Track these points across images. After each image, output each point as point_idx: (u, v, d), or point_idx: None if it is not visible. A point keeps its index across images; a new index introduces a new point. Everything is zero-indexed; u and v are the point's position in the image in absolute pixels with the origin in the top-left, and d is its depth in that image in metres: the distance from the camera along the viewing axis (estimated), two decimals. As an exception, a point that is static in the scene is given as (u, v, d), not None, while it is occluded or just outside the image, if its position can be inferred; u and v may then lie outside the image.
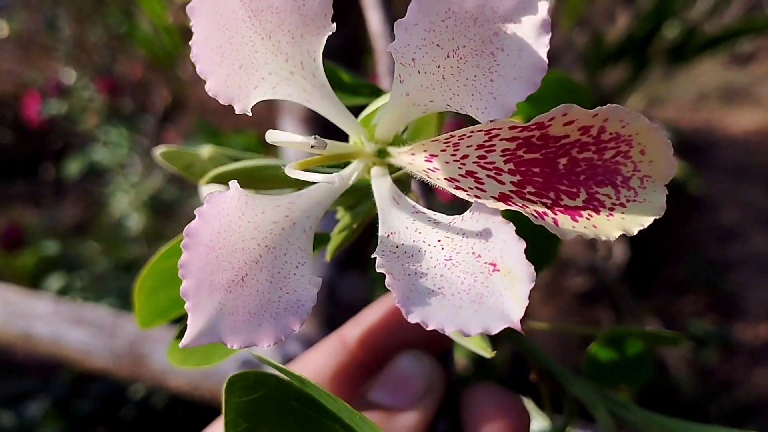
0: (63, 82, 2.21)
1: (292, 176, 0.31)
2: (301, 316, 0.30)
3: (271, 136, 0.30)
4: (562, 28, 3.24)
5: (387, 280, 0.28)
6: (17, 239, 2.18)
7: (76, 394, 2.09)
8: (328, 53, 0.34)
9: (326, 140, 0.34)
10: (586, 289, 3.04)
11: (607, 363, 0.47)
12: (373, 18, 0.66)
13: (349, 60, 1.21)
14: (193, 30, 0.31)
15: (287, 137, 0.30)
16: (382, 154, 0.36)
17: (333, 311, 1.29)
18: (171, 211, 2.23)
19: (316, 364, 0.49)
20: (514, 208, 0.29)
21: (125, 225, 2.15)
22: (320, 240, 0.42)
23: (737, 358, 2.72)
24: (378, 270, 0.29)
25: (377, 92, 0.47)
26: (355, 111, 0.40)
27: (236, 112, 0.32)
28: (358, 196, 0.40)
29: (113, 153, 2.17)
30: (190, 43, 0.31)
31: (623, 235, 0.28)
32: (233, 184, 0.31)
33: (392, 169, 0.36)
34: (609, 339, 0.47)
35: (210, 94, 0.31)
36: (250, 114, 0.32)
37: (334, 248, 0.41)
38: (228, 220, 0.31)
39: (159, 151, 0.48)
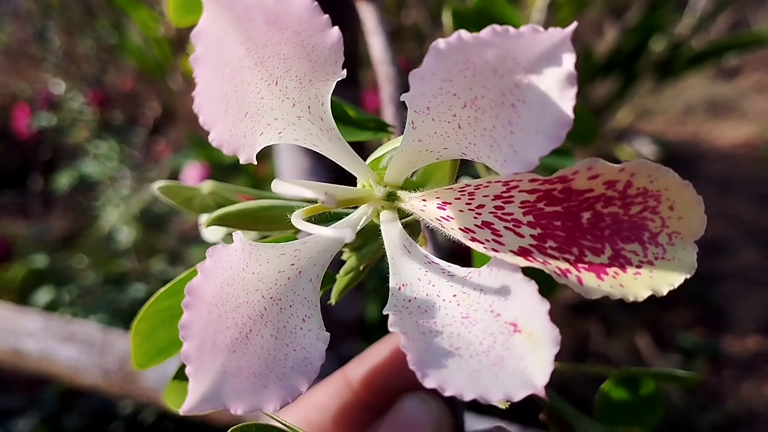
0: (53, 93, 2.17)
1: (299, 227, 0.29)
2: (309, 376, 0.28)
3: (278, 186, 0.29)
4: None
5: (402, 341, 0.27)
6: (6, 252, 2.15)
7: (64, 409, 2.06)
8: None
9: (335, 187, 0.33)
10: (576, 302, 3.04)
11: (619, 403, 0.45)
12: (375, 43, 0.64)
13: (346, 74, 1.20)
14: (196, 80, 0.29)
15: (295, 190, 0.28)
16: (391, 197, 0.35)
17: (328, 330, 1.27)
18: (161, 224, 2.20)
19: (319, 404, 0.47)
20: (535, 264, 0.27)
21: (115, 238, 2.12)
22: (325, 280, 0.41)
23: (726, 370, 2.72)
24: (391, 329, 0.28)
25: (383, 127, 0.45)
26: (360, 145, 0.39)
27: (241, 161, 0.30)
28: (365, 237, 0.38)
29: (103, 166, 2.14)
30: (193, 93, 0.29)
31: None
32: (237, 236, 0.29)
33: (402, 214, 0.35)
34: (621, 379, 0.46)
35: (214, 144, 0.30)
36: (255, 163, 0.30)
37: (339, 290, 0.39)
38: (231, 274, 0.29)
39: (157, 186, 0.46)
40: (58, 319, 1.68)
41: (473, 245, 0.29)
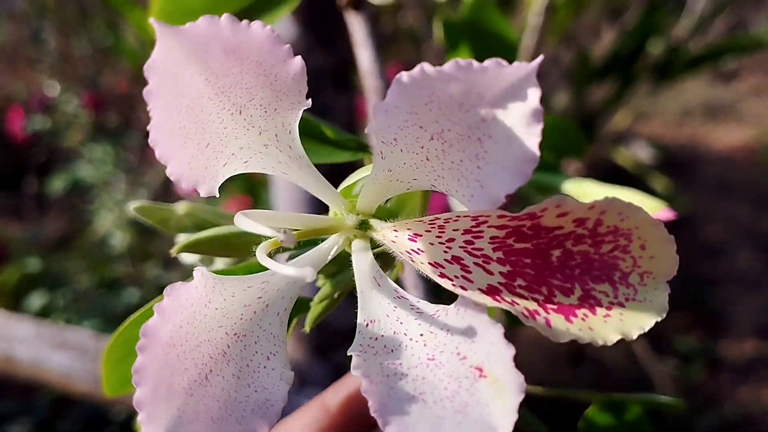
0: (47, 96, 2.17)
1: (261, 262, 0.28)
2: (270, 419, 0.27)
3: (240, 221, 0.28)
4: (548, 45, 3.23)
5: (363, 385, 0.26)
6: (0, 256, 2.14)
7: (58, 415, 2.05)
8: (315, 75, 0.32)
9: (304, 217, 0.32)
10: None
11: (605, 429, 0.44)
12: (363, 55, 0.64)
13: (336, 79, 1.19)
14: (150, 113, 0.28)
15: (255, 227, 0.27)
16: (363, 226, 0.34)
17: (322, 338, 1.26)
18: (156, 229, 2.19)
19: (297, 431, 0.46)
20: (503, 305, 0.27)
21: (109, 243, 2.11)
22: (300, 306, 0.40)
23: (723, 374, 2.72)
24: (353, 372, 0.27)
25: (363, 147, 0.44)
26: (337, 167, 0.38)
27: (201, 195, 0.29)
28: (340, 263, 0.37)
29: (98, 170, 2.13)
30: (147, 127, 0.28)
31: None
32: (198, 272, 0.28)
33: (374, 244, 0.34)
34: (606, 404, 0.45)
35: (172, 178, 0.29)
36: (218, 195, 0.29)
37: (313, 318, 0.38)
38: (192, 311, 0.28)
39: (133, 206, 0.45)
40: (51, 325, 1.67)
41: (442, 281, 0.28)
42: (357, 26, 0.65)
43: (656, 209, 0.46)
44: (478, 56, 0.67)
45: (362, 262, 0.32)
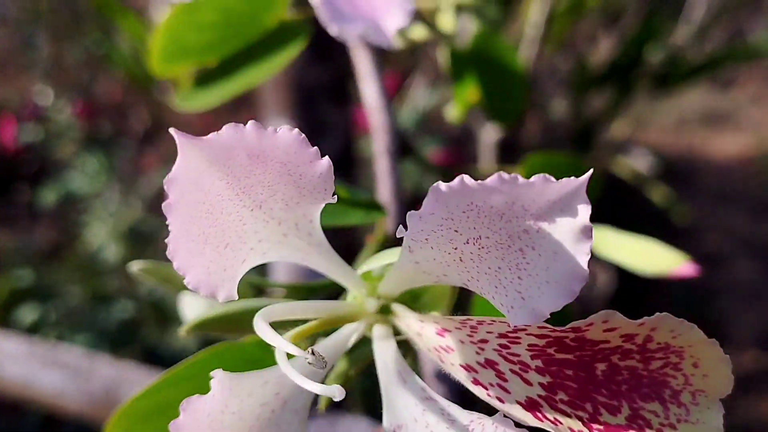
0: (39, 106, 2.15)
1: (282, 369, 0.26)
2: None
3: (260, 329, 0.26)
4: (545, 53, 3.22)
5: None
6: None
7: (49, 433, 2.02)
8: (313, 91, 0.31)
9: (322, 304, 0.30)
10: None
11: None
12: (368, 90, 0.62)
13: (334, 94, 1.17)
14: (169, 226, 0.26)
15: (279, 343, 0.25)
16: (385, 310, 0.32)
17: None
18: (149, 241, 2.17)
19: None
20: (545, 424, 0.25)
21: (102, 255, 2.09)
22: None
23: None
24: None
25: (376, 207, 0.43)
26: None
27: (220, 300, 0.27)
28: (357, 343, 0.35)
29: (90, 181, 2.11)
30: (166, 240, 0.26)
31: (609, 266, 0.24)
32: (215, 380, 0.27)
33: (397, 331, 0.32)
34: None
35: (190, 287, 0.27)
36: (236, 298, 0.27)
37: (327, 400, 0.36)
38: (209, 421, 0.26)
39: (136, 267, 0.44)
40: (43, 343, 1.64)
41: (476, 390, 0.27)
42: (362, 60, 0.63)
43: (677, 263, 0.44)
44: (485, 87, 0.65)
45: (386, 353, 0.31)
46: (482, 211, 0.23)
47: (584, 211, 0.22)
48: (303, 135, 0.24)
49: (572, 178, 0.22)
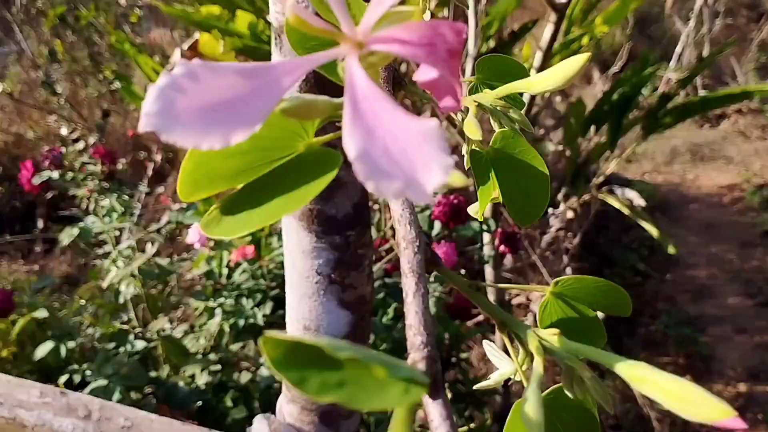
0: (57, 151, 2.16)
1: None
2: None
3: None
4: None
5: None
6: (7, 307, 2.12)
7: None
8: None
9: None
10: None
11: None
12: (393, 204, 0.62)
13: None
14: None
15: None
16: None
17: None
18: (163, 281, 2.18)
19: None
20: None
21: (116, 295, 2.10)
22: None
23: (715, 419, 2.70)
24: None
25: (417, 381, 0.43)
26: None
27: None
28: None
29: (105, 222, 2.12)
30: None
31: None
32: None
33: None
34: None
35: None
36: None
37: None
38: None
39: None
40: (55, 390, 1.65)
41: None
42: None
43: (725, 415, 0.43)
44: (506, 191, 0.65)
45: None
46: None
47: None
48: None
49: None
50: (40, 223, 3.42)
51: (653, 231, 2.83)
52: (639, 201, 2.96)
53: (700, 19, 4.12)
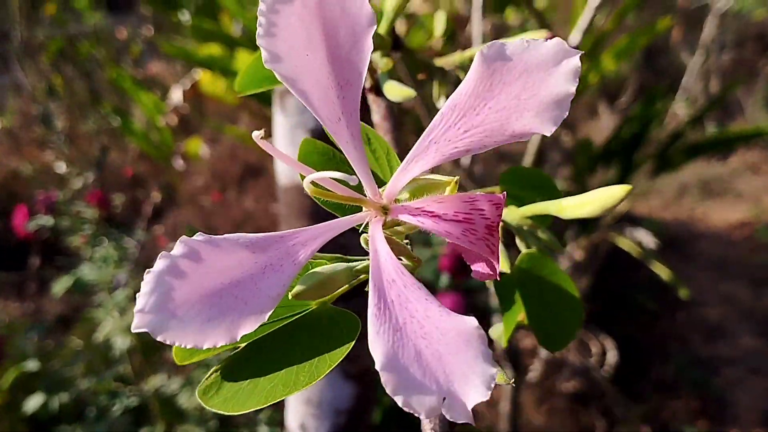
0: (52, 196, 2.11)
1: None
2: None
3: None
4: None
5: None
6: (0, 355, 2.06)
7: None
8: None
9: None
10: (579, 392, 2.94)
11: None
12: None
13: None
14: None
15: None
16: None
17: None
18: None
19: None
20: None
21: (110, 348, 2.03)
22: None
23: (731, 467, 2.62)
24: None
25: None
26: None
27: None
28: None
29: (100, 270, 2.06)
30: None
31: (614, 334, 0.19)
32: None
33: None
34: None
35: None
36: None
37: None
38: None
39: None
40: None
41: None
42: (376, 109, 0.60)
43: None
44: (533, 315, 0.57)
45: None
46: None
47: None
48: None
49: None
50: (36, 260, 3.35)
51: (664, 274, 2.76)
52: (650, 242, 2.89)
53: (706, 50, 4.08)
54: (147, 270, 0.23)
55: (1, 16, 3.35)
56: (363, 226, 0.32)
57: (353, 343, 0.36)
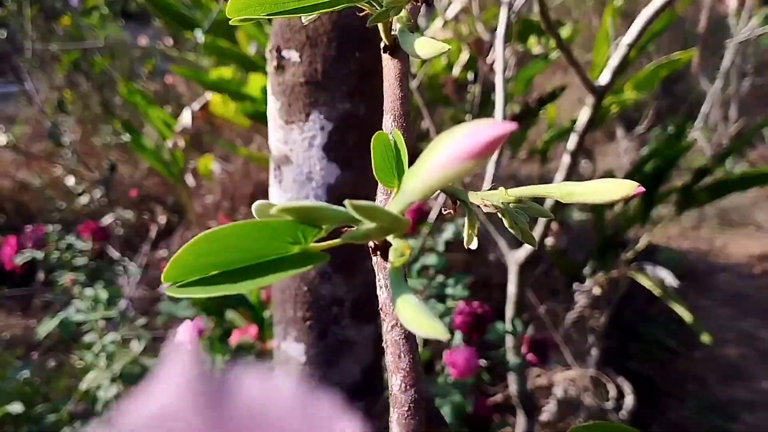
0: (40, 230, 1.84)
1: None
2: None
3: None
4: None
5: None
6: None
7: None
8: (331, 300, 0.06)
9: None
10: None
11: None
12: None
13: (355, 310, 0.91)
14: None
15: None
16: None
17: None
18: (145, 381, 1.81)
19: None
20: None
21: (97, 399, 1.76)
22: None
23: None
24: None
25: None
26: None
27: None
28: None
29: (90, 312, 1.79)
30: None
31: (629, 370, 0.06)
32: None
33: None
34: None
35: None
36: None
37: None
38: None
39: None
40: None
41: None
42: (389, 69, 0.45)
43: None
44: None
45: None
46: None
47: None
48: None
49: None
50: (41, 276, 3.11)
51: (686, 316, 2.45)
52: (671, 281, 2.58)
53: (727, 78, 3.74)
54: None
55: (15, 27, 3.08)
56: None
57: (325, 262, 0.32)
